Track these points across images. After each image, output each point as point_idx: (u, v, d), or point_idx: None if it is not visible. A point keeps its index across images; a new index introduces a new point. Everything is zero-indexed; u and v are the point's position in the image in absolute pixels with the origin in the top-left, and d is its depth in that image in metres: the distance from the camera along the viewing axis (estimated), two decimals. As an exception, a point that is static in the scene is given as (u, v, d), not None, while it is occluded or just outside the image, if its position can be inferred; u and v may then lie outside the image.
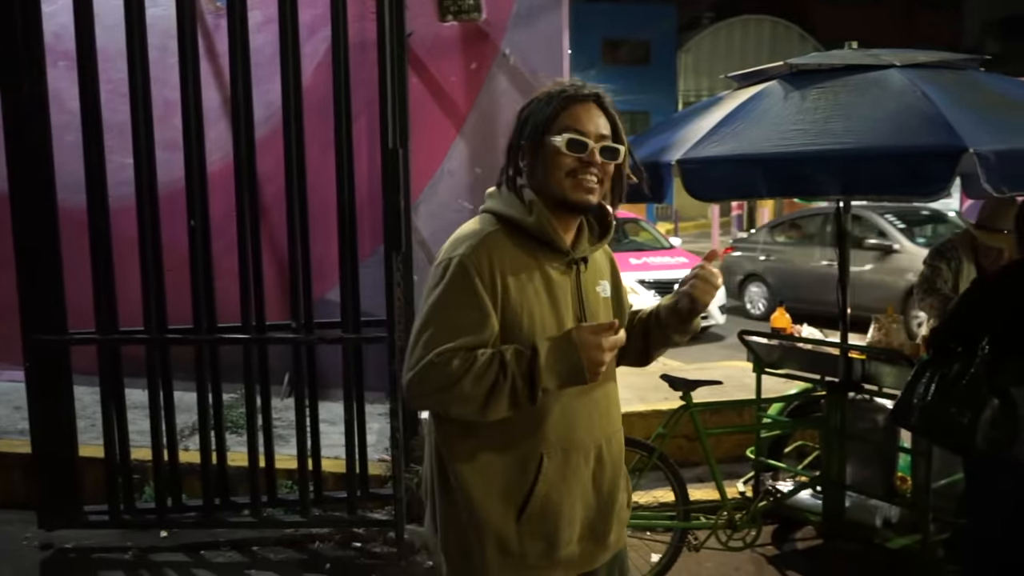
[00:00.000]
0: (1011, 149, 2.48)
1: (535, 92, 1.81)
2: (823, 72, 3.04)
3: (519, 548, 1.74)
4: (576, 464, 1.78)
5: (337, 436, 4.12)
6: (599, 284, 1.87)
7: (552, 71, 5.45)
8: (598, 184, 1.75)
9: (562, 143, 1.71)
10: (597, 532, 1.84)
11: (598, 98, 1.77)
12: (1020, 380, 2.56)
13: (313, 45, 5.14)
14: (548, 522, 1.75)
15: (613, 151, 1.75)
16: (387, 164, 3.52)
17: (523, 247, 1.74)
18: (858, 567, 3.74)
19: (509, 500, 1.73)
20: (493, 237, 1.73)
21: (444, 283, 1.69)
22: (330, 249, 3.82)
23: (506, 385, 1.62)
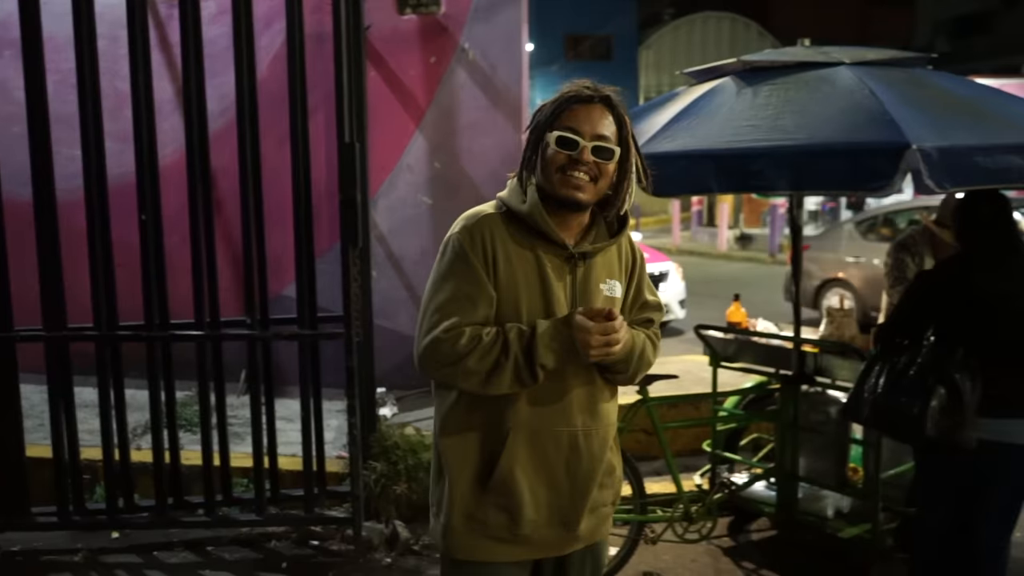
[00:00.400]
0: (953, 146, 2.54)
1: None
2: (775, 69, 3.08)
3: (482, 515, 1.85)
4: (544, 447, 1.85)
5: (294, 433, 4.08)
6: (605, 283, 1.91)
7: (511, 66, 5.45)
8: (590, 182, 1.80)
9: (552, 140, 1.79)
10: (567, 519, 1.90)
11: (607, 100, 1.83)
12: (965, 368, 2.63)
13: (269, 37, 5.06)
14: (511, 497, 1.84)
15: (607, 151, 1.80)
16: (343, 158, 3.49)
17: (520, 234, 1.84)
18: (811, 557, 3.80)
19: (476, 470, 1.85)
20: (491, 218, 1.84)
21: (445, 258, 1.84)
22: (287, 244, 3.78)
23: (508, 362, 1.75)
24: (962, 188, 2.64)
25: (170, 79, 5.11)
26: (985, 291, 2.66)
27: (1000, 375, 2.66)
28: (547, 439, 1.85)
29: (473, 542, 1.87)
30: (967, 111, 2.82)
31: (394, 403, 5.20)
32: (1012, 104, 3.04)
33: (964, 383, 2.62)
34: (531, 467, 1.84)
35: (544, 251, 1.83)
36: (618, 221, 1.93)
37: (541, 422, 1.84)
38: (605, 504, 1.99)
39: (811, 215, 21.00)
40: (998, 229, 2.73)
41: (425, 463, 4.01)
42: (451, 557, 1.91)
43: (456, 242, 1.82)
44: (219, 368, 3.74)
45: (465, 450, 1.86)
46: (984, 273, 2.68)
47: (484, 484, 1.85)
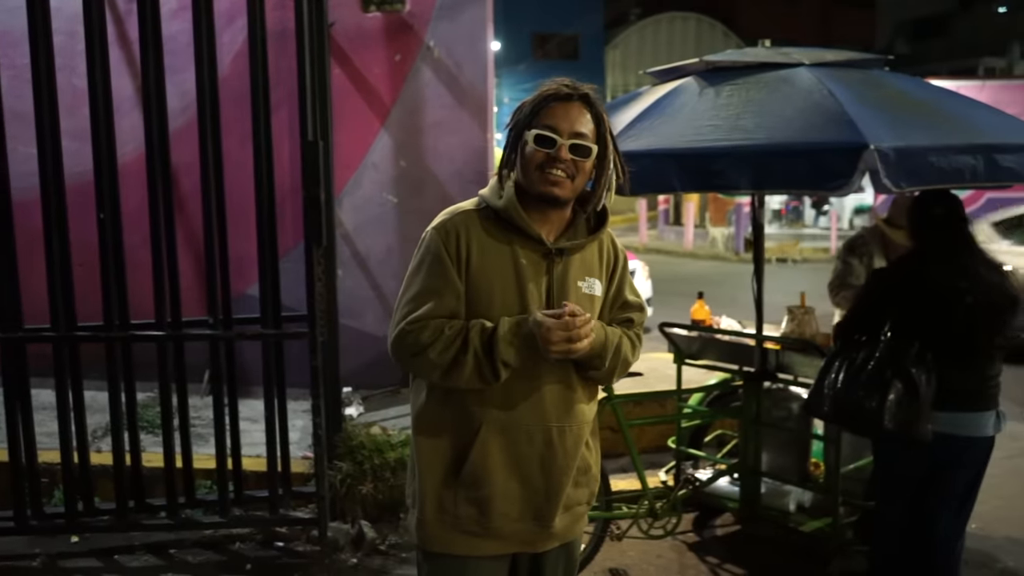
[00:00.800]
0: (909, 146, 2.59)
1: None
2: (737, 69, 3.12)
3: (453, 508, 1.89)
4: (516, 442, 1.87)
5: (259, 434, 4.04)
6: (584, 280, 1.93)
7: (477, 64, 5.45)
8: (567, 179, 1.83)
9: (530, 138, 1.83)
10: (542, 515, 1.91)
11: (585, 98, 1.86)
12: (920, 363, 2.69)
13: (231, 34, 5.00)
14: (481, 489, 1.87)
15: (584, 149, 1.83)
16: (307, 156, 3.46)
17: (497, 229, 1.87)
18: (773, 551, 3.86)
19: (448, 464, 1.89)
20: (468, 214, 1.89)
21: (419, 252, 1.91)
22: (251, 243, 3.73)
23: (467, 357, 1.79)
24: (918, 187, 2.70)
25: (130, 76, 5.03)
26: (939, 287, 2.72)
27: (954, 369, 2.73)
28: (520, 435, 1.87)
29: (445, 535, 1.90)
30: (922, 112, 2.89)
31: (360, 403, 5.17)
32: (964, 106, 3.11)
33: (920, 377, 2.68)
34: (503, 462, 1.87)
35: (521, 246, 1.86)
36: (597, 218, 1.95)
37: (513, 418, 1.86)
38: (580, 503, 2.00)
39: (775, 214, 21.29)
40: (950, 228, 2.79)
41: (391, 463, 4.00)
42: (425, 549, 1.95)
43: (429, 238, 1.88)
44: (181, 369, 3.69)
45: (437, 444, 1.89)
46: (937, 268, 2.75)
47: (456, 477, 1.88)
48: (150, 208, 3.56)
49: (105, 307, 3.58)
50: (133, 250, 3.68)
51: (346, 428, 4.19)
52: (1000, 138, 2.85)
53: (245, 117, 3.59)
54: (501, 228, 1.87)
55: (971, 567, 3.71)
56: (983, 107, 3.20)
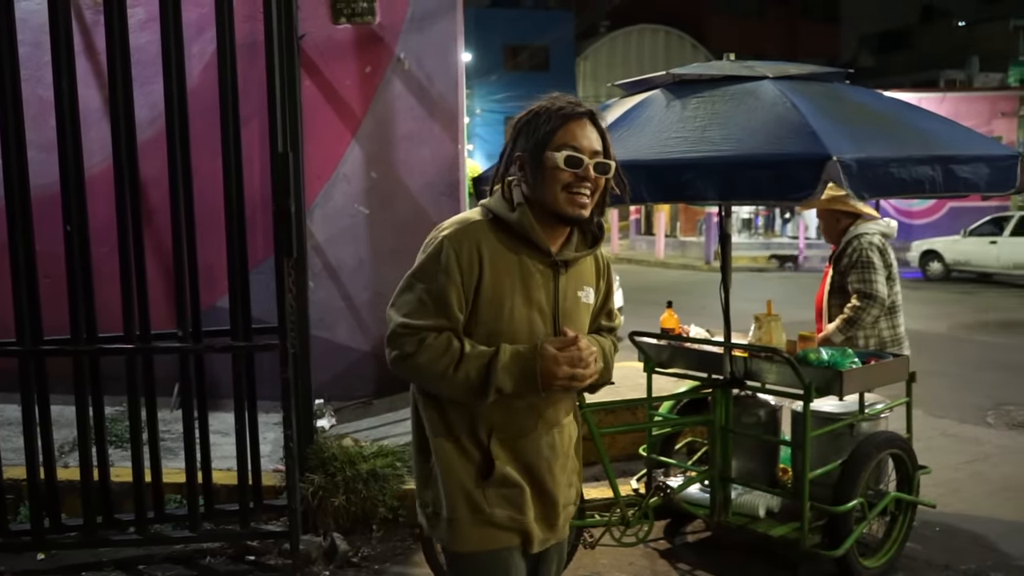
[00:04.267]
0: (871, 157, 2.65)
1: (532, 104, 1.90)
2: (703, 82, 3.17)
3: (489, 508, 1.88)
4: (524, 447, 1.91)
5: (230, 447, 4.01)
6: (582, 289, 1.97)
7: (447, 76, 5.48)
8: (590, 197, 1.87)
9: (560, 160, 1.82)
10: (548, 515, 1.96)
11: (591, 115, 1.89)
12: None
13: (201, 45, 4.99)
14: (513, 487, 1.89)
15: (605, 166, 1.87)
16: (277, 168, 3.46)
17: (506, 241, 1.87)
18: (744, 556, 3.90)
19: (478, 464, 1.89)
20: (480, 225, 1.88)
21: (425, 255, 1.87)
22: (221, 255, 3.71)
23: (458, 374, 1.79)
24: (879, 197, 2.76)
25: (97, 87, 4.99)
26: None
27: None
28: (527, 438, 1.91)
29: (481, 532, 1.89)
30: (882, 124, 2.96)
31: (332, 414, 5.15)
32: (921, 118, 3.20)
33: None
34: (518, 463, 1.91)
35: (529, 257, 1.88)
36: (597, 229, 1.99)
37: (518, 422, 1.90)
38: (571, 502, 2.06)
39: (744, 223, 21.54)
40: None
41: (363, 474, 3.99)
42: (459, 551, 1.92)
43: (440, 244, 1.85)
44: (150, 382, 3.66)
45: (460, 447, 1.89)
46: None
47: (486, 479, 1.88)
48: (118, 220, 3.53)
49: (72, 320, 3.54)
50: (101, 262, 3.65)
51: (318, 440, 4.17)
52: (956, 149, 2.93)
53: (215, 128, 3.58)
54: (510, 239, 1.88)
55: (934, 568, 3.79)
56: (939, 119, 3.29)
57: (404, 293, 1.88)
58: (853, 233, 4.13)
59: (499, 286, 1.85)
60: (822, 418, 3.69)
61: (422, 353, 1.80)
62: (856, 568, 3.61)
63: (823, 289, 4.35)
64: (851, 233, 4.14)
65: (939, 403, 6.52)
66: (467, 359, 1.80)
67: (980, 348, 8.97)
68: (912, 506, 3.85)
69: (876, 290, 4.02)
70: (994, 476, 5.01)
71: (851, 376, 3.45)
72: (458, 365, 1.79)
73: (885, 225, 4.18)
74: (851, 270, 4.09)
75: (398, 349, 1.83)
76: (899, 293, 4.20)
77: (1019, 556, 3.91)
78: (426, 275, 1.84)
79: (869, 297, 4.02)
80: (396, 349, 1.83)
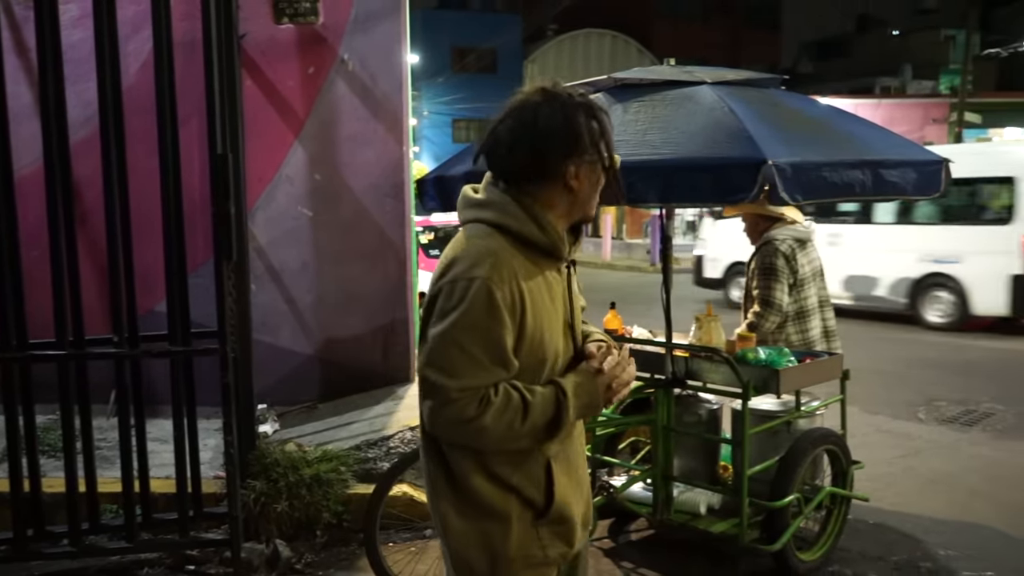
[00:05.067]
0: (804, 161, 2.73)
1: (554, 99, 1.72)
2: (644, 86, 3.22)
3: (543, 551, 1.76)
4: (575, 464, 1.85)
5: (169, 455, 3.91)
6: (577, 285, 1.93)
7: (392, 77, 5.46)
8: None
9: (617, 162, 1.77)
10: (585, 515, 1.91)
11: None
12: None
13: (137, 43, 4.88)
14: (566, 523, 1.79)
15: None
16: (215, 169, 3.40)
17: (529, 258, 1.72)
18: (686, 553, 3.97)
19: (537, 504, 1.75)
20: (507, 253, 1.68)
21: (466, 305, 1.63)
22: (159, 258, 3.63)
23: (525, 427, 1.66)
24: (812, 201, 2.84)
25: (28, 84, 4.84)
26: None
27: None
28: (575, 455, 1.85)
29: (535, 572, 1.78)
30: (815, 129, 3.05)
31: (275, 419, 5.08)
32: (852, 124, 3.30)
33: None
34: (572, 486, 1.82)
35: (547, 268, 1.76)
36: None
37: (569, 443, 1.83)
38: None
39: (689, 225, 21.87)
40: None
41: (307, 479, 3.94)
42: None
43: (482, 289, 1.63)
44: (84, 389, 3.56)
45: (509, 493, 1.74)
46: None
47: (543, 517, 1.76)
48: (50, 222, 3.43)
49: (1, 326, 3.42)
50: (32, 266, 3.54)
51: (260, 446, 4.11)
52: (885, 154, 3.03)
53: (152, 128, 3.50)
54: (530, 255, 1.72)
55: (868, 560, 3.91)
56: (869, 124, 3.40)
57: (448, 350, 1.64)
58: (765, 238, 4.20)
59: (539, 309, 1.71)
60: (760, 416, 3.78)
61: (486, 415, 1.64)
62: (793, 562, 3.70)
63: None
64: (764, 238, 4.20)
65: (874, 400, 6.72)
66: (532, 408, 1.67)
67: (913, 346, 9.27)
68: (847, 500, 3.96)
69: (774, 297, 4.08)
70: (924, 470, 5.19)
71: (787, 374, 3.54)
72: (525, 417, 1.66)
73: (803, 229, 4.23)
74: (755, 276, 4.17)
75: (456, 414, 1.64)
76: (812, 297, 4.20)
77: (946, 546, 4.06)
78: (475, 328, 1.63)
79: (768, 305, 4.09)
80: (453, 414, 1.64)
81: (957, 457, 5.43)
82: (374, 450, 4.53)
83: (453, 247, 1.73)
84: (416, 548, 3.94)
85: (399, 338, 5.62)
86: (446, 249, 1.75)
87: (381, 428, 4.78)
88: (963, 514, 4.45)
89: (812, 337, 4.20)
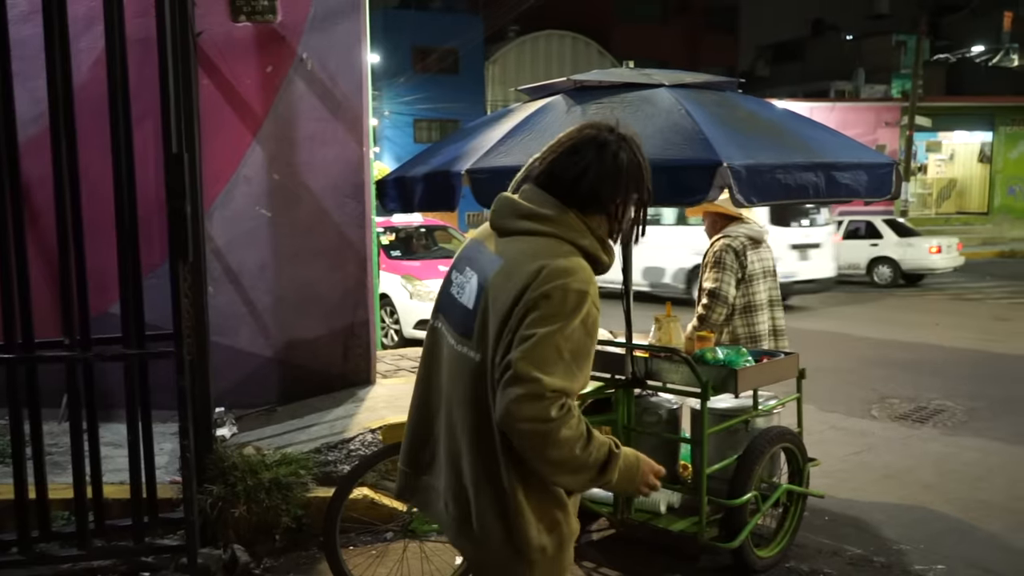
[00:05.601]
0: (759, 164, 2.77)
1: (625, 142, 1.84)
2: (603, 88, 3.25)
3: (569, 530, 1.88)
4: None
5: (124, 460, 3.83)
6: None
7: (352, 76, 5.42)
8: None
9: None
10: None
11: None
12: None
13: (90, 40, 4.77)
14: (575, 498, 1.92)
15: None
16: (170, 169, 3.35)
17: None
18: (646, 552, 4.00)
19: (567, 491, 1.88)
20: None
21: (581, 316, 1.72)
22: (114, 259, 3.56)
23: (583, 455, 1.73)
24: (767, 203, 2.88)
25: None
26: None
27: None
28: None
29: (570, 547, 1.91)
30: (769, 132, 3.10)
31: (234, 423, 5.01)
32: (806, 127, 3.36)
33: None
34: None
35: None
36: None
37: None
38: None
39: (649, 226, 22.02)
40: None
41: (266, 483, 3.89)
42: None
43: (592, 307, 1.76)
44: (34, 393, 3.47)
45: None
46: None
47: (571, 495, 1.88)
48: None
49: (-54, 329, 3.33)
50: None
51: (217, 449, 4.04)
52: (838, 157, 3.09)
53: (106, 127, 3.44)
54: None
55: (823, 555, 3.99)
56: (822, 128, 3.46)
57: (551, 351, 1.70)
58: (719, 235, 4.34)
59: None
60: (719, 415, 3.83)
61: (565, 422, 1.69)
62: (751, 559, 3.76)
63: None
64: (720, 234, 4.36)
65: (829, 398, 6.85)
66: (594, 440, 1.74)
67: (867, 345, 9.47)
68: (803, 497, 4.03)
69: (722, 290, 4.20)
70: (877, 465, 5.31)
71: (745, 374, 3.59)
72: (587, 445, 1.73)
73: (758, 229, 4.37)
74: (707, 269, 4.31)
75: (542, 411, 1.68)
76: (761, 294, 4.32)
77: (899, 540, 4.15)
78: (579, 339, 1.72)
79: (715, 296, 4.21)
80: (539, 411, 1.68)
81: (909, 453, 5.56)
82: (334, 453, 4.49)
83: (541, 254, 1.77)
84: (377, 551, 3.92)
85: (359, 340, 5.58)
86: (524, 254, 1.79)
87: (341, 431, 4.74)
88: (915, 508, 4.56)
89: (759, 332, 4.31)
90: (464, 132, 3.57)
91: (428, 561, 3.64)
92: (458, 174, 2.94)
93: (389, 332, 9.77)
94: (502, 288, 1.76)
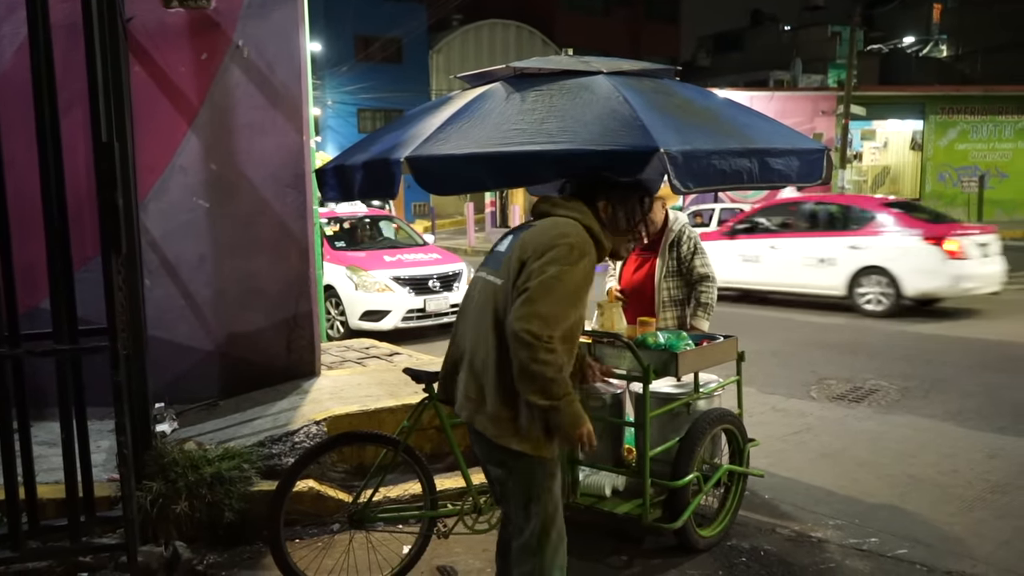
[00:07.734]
0: (695, 150, 2.81)
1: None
2: (542, 76, 3.25)
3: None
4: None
5: (59, 459, 3.73)
6: None
7: (290, 65, 5.33)
8: None
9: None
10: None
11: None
12: None
13: (13, 25, 4.62)
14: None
15: None
16: (100, 159, 3.25)
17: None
18: (594, 535, 4.05)
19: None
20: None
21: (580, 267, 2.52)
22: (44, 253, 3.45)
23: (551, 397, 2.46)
24: (703, 189, 2.93)
25: None
26: None
27: None
28: None
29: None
30: (705, 119, 3.14)
31: (174, 418, 4.90)
32: (741, 114, 3.42)
33: None
34: None
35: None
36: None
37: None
38: None
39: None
40: None
41: (208, 478, 3.83)
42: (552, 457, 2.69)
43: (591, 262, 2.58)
44: (-40, 392, 3.35)
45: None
46: None
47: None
48: (-84, 215, 3.20)
49: None
50: None
51: (157, 445, 3.97)
52: (771, 143, 3.15)
53: (31, 116, 3.32)
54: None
55: (763, 533, 4.09)
56: (756, 115, 3.53)
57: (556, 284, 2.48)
58: (681, 222, 4.53)
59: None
60: (661, 398, 3.89)
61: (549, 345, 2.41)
62: (694, 538, 3.84)
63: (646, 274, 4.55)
64: (679, 221, 4.53)
65: (770, 380, 7.02)
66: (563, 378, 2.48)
67: (807, 328, 9.71)
68: (744, 477, 4.13)
69: (712, 270, 4.49)
70: (815, 445, 5.46)
71: (686, 357, 3.66)
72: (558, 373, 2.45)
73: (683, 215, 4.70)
74: (694, 256, 4.47)
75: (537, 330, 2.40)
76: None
77: (835, 515, 4.29)
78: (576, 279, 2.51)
79: (712, 279, 4.48)
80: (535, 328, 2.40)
81: (845, 431, 5.73)
82: (278, 446, 4.44)
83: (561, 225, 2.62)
84: (323, 543, 3.89)
85: (303, 332, 5.52)
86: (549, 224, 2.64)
87: (285, 423, 4.69)
88: (851, 485, 4.71)
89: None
90: (404, 120, 3.54)
91: (375, 551, 3.64)
92: (398, 161, 2.92)
93: (335, 324, 9.66)
94: (529, 239, 2.58)
